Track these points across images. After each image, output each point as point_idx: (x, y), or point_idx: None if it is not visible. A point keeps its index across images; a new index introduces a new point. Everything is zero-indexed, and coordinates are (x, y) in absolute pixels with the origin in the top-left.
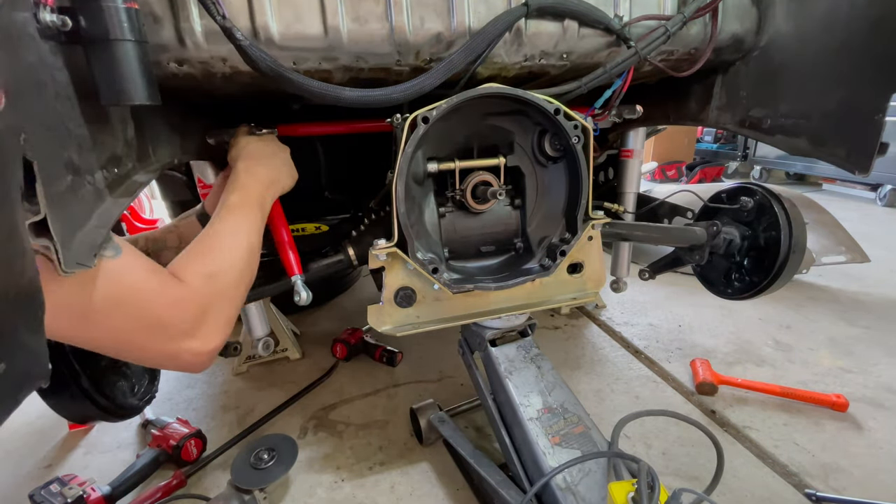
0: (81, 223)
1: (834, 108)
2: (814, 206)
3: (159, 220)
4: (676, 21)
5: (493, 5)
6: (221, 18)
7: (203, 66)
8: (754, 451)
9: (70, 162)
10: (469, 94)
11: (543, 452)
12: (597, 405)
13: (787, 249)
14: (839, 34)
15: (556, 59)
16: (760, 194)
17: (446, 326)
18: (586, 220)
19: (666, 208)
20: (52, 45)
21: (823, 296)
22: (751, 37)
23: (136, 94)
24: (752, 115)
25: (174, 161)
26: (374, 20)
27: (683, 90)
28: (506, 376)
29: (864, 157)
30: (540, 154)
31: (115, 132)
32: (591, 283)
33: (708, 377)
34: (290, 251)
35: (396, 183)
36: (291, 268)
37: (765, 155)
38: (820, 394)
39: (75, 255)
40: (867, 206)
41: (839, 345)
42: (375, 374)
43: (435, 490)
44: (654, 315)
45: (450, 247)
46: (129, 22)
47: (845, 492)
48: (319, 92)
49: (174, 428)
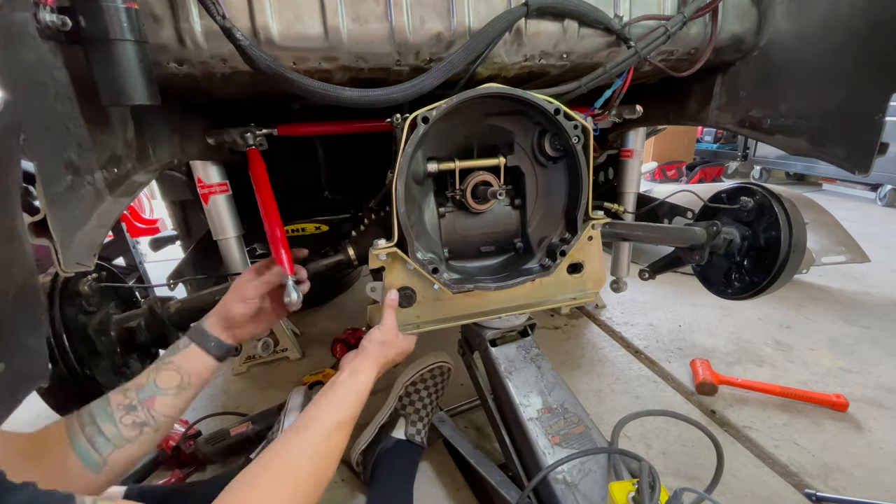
0: (81, 223)
1: (834, 108)
2: (814, 206)
3: (159, 220)
4: (676, 21)
5: (493, 5)
6: (221, 18)
7: (203, 66)
8: (754, 451)
9: (70, 162)
10: (469, 94)
11: (543, 452)
12: (597, 405)
13: (787, 249)
14: (839, 34)
15: (556, 59)
16: (760, 194)
17: (446, 326)
18: (586, 220)
19: (666, 208)
20: (52, 45)
21: (823, 296)
22: (751, 37)
23: (136, 95)
24: (752, 115)
25: (174, 161)
26: (374, 20)
27: (683, 90)
28: (506, 376)
29: (864, 157)
30: (540, 154)
31: (115, 132)
32: (591, 283)
33: (708, 377)
34: (282, 250)
35: (396, 183)
36: (283, 268)
37: (765, 155)
38: (820, 394)
39: (75, 254)
40: (867, 206)
41: (839, 345)
42: None
43: (435, 490)
44: (654, 315)
45: (450, 247)
46: (128, 22)
47: (845, 492)
48: (319, 92)
49: (174, 428)
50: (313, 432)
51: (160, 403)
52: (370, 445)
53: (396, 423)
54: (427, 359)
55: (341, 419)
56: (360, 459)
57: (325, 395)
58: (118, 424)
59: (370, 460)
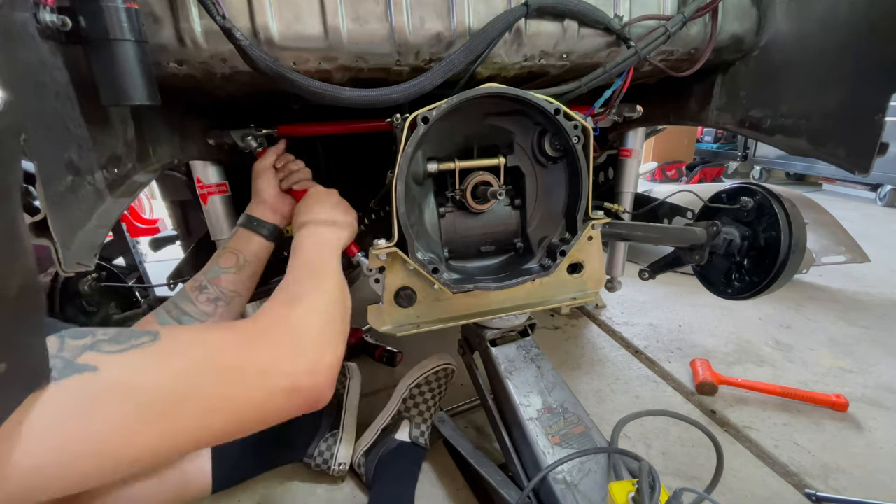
0: (81, 223)
1: (834, 108)
2: (814, 206)
3: (159, 220)
4: (676, 21)
5: (493, 5)
6: (221, 18)
7: (203, 67)
8: (754, 451)
9: (70, 162)
10: (469, 94)
11: (543, 452)
12: (597, 405)
13: (787, 249)
14: (839, 34)
15: (556, 59)
16: (760, 194)
17: (446, 326)
18: (586, 220)
19: (666, 208)
20: (52, 45)
21: (823, 296)
22: (751, 37)
23: (136, 95)
24: (752, 115)
25: (174, 161)
26: (374, 20)
27: (683, 90)
28: (506, 376)
29: (864, 157)
30: (540, 154)
31: (115, 132)
32: (591, 283)
33: (708, 377)
34: None
35: (396, 183)
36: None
37: (765, 155)
38: (820, 394)
39: (75, 254)
40: (867, 206)
41: (839, 345)
42: (375, 373)
43: (435, 490)
44: (654, 315)
45: (450, 247)
46: (128, 22)
47: (845, 492)
48: (319, 92)
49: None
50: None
51: (225, 280)
52: (372, 447)
53: (400, 426)
54: (431, 361)
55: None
56: (361, 461)
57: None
58: (195, 303)
59: (372, 462)
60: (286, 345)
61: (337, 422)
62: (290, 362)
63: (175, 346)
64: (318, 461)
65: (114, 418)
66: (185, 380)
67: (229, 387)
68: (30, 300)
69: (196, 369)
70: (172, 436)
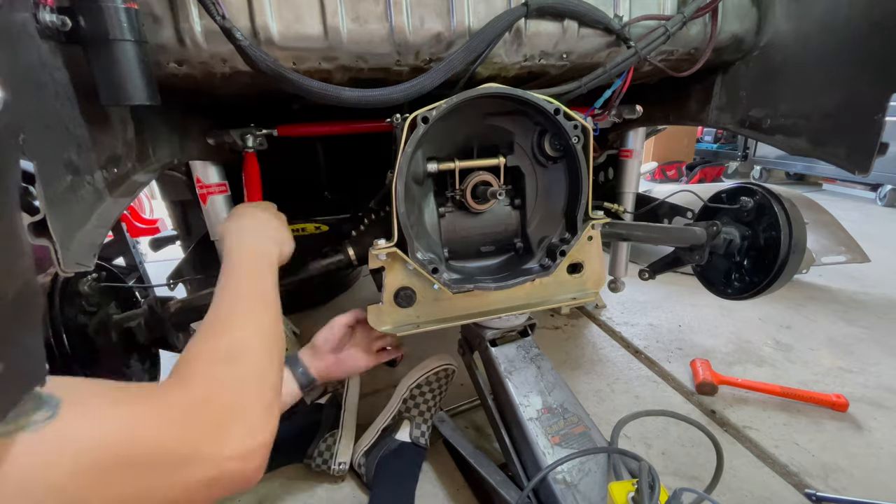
0: (81, 223)
1: (834, 108)
2: (814, 206)
3: (159, 220)
4: (676, 21)
5: (493, 5)
6: (221, 18)
7: (203, 67)
8: (754, 451)
9: (70, 162)
10: (469, 94)
11: (543, 452)
12: (597, 405)
13: (787, 249)
14: (839, 34)
15: (556, 59)
16: (760, 194)
17: (446, 326)
18: (586, 220)
19: (666, 208)
20: (52, 45)
21: (823, 296)
22: (751, 37)
23: (136, 95)
24: (752, 115)
25: (174, 161)
26: (374, 20)
27: (683, 90)
28: (506, 376)
29: (864, 157)
30: (540, 154)
31: (114, 132)
32: (591, 283)
33: (708, 377)
34: None
35: (396, 183)
36: None
37: (765, 155)
38: (820, 394)
39: (75, 255)
40: (867, 206)
41: (839, 345)
42: (375, 373)
43: (435, 490)
44: (654, 315)
45: (450, 247)
46: (128, 22)
47: (845, 492)
48: (319, 92)
49: None
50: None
51: None
52: (372, 447)
53: (400, 426)
54: (432, 361)
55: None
56: (362, 461)
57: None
58: None
59: (372, 462)
60: (216, 425)
61: (336, 422)
62: (217, 446)
63: (77, 427)
64: (318, 461)
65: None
66: (86, 480)
67: (138, 484)
68: (28, 301)
69: (100, 465)
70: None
